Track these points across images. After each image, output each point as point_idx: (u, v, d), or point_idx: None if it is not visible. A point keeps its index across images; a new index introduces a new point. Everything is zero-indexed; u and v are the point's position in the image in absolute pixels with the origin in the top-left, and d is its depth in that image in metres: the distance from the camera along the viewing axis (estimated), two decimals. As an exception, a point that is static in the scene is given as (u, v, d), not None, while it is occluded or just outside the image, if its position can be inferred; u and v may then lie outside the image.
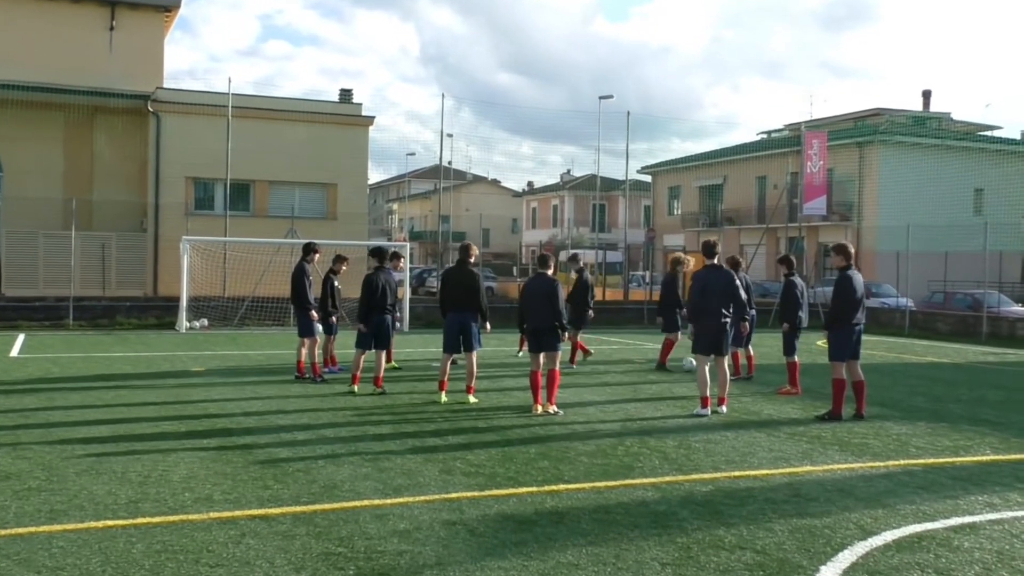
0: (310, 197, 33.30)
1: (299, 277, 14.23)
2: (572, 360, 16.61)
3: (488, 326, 12.36)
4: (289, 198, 32.34)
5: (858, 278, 11.63)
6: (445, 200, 40.33)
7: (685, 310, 15.11)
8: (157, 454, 8.58)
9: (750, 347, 15.29)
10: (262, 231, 29.49)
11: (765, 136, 58.62)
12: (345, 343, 15.87)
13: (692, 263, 16.29)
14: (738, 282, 11.84)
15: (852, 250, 11.88)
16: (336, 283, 14.93)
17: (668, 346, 16.56)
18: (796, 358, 13.87)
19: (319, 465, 8.22)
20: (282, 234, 28.48)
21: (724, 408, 11.65)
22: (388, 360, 16.14)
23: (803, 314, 13.85)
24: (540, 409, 11.29)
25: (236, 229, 29.18)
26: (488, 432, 10.07)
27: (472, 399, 12.04)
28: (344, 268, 15.02)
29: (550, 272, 11.54)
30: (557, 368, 11.52)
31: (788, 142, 47.03)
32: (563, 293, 11.50)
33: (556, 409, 11.34)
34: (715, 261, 11.72)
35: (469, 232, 63.96)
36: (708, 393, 11.54)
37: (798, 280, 13.91)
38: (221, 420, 10.53)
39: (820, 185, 33.36)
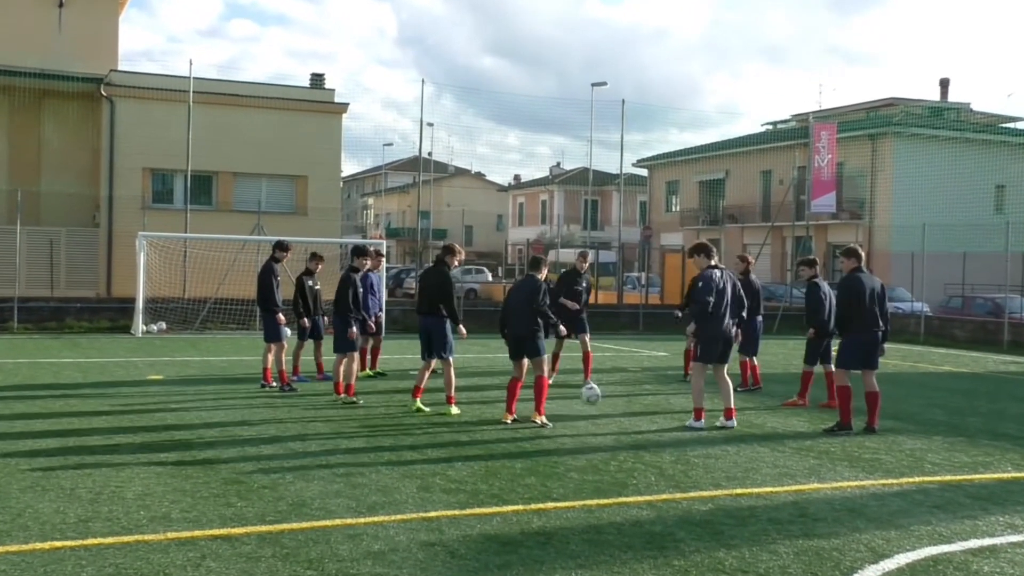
0: (278, 190, 33.24)
1: (266, 277, 14.20)
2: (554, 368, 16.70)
3: (462, 330, 12.32)
4: (255, 191, 32.27)
5: (866, 280, 11.57)
6: (425, 194, 40.30)
7: (679, 312, 15.37)
8: (109, 469, 8.53)
9: (754, 357, 15.32)
10: (226, 227, 29.40)
11: (770, 127, 58.83)
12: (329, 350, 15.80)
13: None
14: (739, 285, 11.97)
15: (863, 252, 11.99)
16: (311, 283, 14.92)
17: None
18: (814, 368, 13.87)
19: (287, 481, 8.20)
20: (247, 230, 28.41)
21: (734, 421, 11.58)
22: (372, 367, 16.23)
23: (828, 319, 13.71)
24: (510, 419, 11.35)
25: (197, 225, 29.10)
26: (470, 446, 10.06)
27: (453, 410, 12.04)
28: (320, 267, 15.02)
29: (540, 276, 11.57)
30: (544, 375, 11.52)
31: (795, 134, 47.20)
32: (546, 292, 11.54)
33: (544, 420, 11.35)
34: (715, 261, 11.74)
35: (451, 229, 64.01)
36: (704, 404, 11.55)
37: (823, 283, 13.83)
38: (180, 432, 10.49)
39: (829, 180, 33.52)
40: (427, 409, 12.16)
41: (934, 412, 13.70)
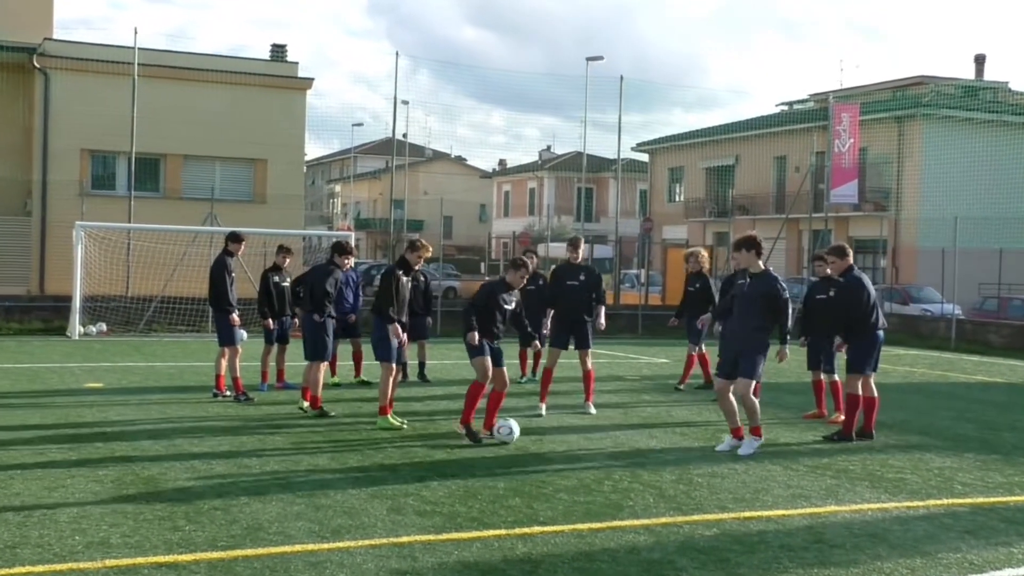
0: (234, 175, 33.17)
1: (219, 272, 14.17)
2: (534, 371, 16.81)
3: (397, 328, 12.29)
4: (208, 176, 32.20)
5: (867, 280, 12.17)
6: (398, 181, 40.29)
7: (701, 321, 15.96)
8: (40, 488, 8.50)
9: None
10: (174, 216, 29.33)
11: (786, 108, 59.04)
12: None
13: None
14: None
15: (850, 249, 12.52)
16: (277, 279, 14.91)
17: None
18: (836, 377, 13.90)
19: (241, 502, 8.19)
20: (199, 220, 28.34)
21: (759, 440, 11.36)
22: (356, 374, 16.26)
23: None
24: (458, 427, 11.44)
25: (143, 213, 29.00)
26: (448, 463, 10.06)
27: (392, 421, 12.00)
28: (289, 262, 15.02)
29: (509, 279, 11.73)
30: (482, 382, 11.55)
31: (813, 116, 47.38)
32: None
33: (461, 430, 11.34)
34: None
35: (428, 220, 63.94)
36: (740, 422, 11.25)
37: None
38: (121, 446, 10.46)
39: (851, 168, 33.66)
40: (401, 424, 12.15)
41: (965, 427, 13.78)
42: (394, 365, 12.18)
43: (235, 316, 14.06)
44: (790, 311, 11.06)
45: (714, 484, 9.44)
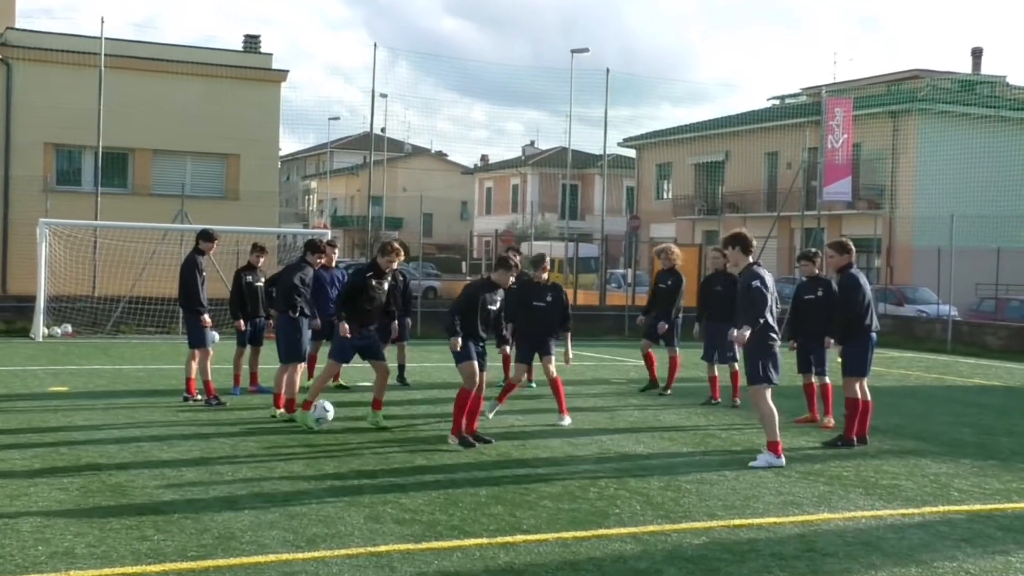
0: (205, 171, 33.10)
1: (189, 272, 14.13)
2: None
3: (344, 327, 12.28)
4: (178, 172, 32.11)
5: (863, 277, 12.24)
6: (376, 177, 40.18)
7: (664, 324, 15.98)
8: (2, 496, 8.46)
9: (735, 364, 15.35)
10: (143, 213, 29.22)
11: (777, 103, 59.19)
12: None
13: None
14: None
15: (852, 246, 12.41)
16: (250, 279, 14.87)
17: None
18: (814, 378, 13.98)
19: (213, 510, 8.16)
20: (169, 217, 28.24)
21: (775, 459, 11.07)
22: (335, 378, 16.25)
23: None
24: (451, 439, 11.41)
25: (110, 211, 28.89)
26: (428, 470, 10.06)
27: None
28: (263, 261, 14.98)
29: (496, 279, 11.70)
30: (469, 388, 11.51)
31: (805, 110, 47.54)
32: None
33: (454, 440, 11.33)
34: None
35: (407, 218, 63.99)
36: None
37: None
38: (87, 452, 10.42)
39: (844, 164, 33.77)
40: (377, 424, 12.15)
41: (962, 431, 13.84)
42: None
43: (206, 317, 14.02)
44: (767, 305, 10.95)
45: (703, 491, 9.46)
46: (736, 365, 15.22)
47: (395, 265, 12.59)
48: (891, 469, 10.84)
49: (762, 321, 10.77)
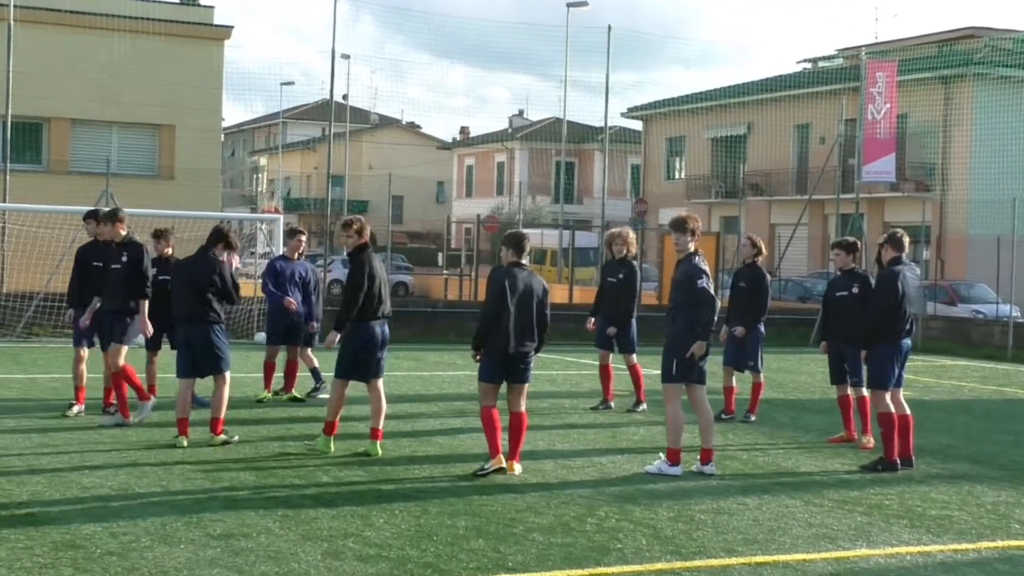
0: (134, 144, 33.00)
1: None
2: None
3: (315, 326, 12.26)
4: (102, 145, 32.00)
5: (908, 277, 12.19)
6: (337, 152, 40.10)
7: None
8: None
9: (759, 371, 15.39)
10: (61, 194, 29.06)
11: (809, 66, 59.32)
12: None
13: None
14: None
15: (907, 240, 12.40)
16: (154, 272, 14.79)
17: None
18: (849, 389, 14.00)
19: (142, 545, 8.15)
20: (91, 199, 28.10)
21: (708, 467, 11.57)
22: (287, 388, 16.19)
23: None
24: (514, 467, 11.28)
25: (20, 190, 28.75)
26: (396, 496, 10.06)
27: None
28: (170, 250, 14.85)
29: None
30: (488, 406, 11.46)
31: (842, 75, 47.59)
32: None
33: None
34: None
35: (373, 201, 63.82)
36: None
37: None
38: (-6, 478, 10.39)
39: (887, 139, 33.80)
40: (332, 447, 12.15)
41: (1024, 452, 13.91)
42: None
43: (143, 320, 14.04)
44: (714, 303, 11.37)
45: (720, 522, 9.47)
46: (760, 375, 15.32)
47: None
48: (941, 497, 10.87)
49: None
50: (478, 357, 11.25)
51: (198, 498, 9.78)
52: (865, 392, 13.61)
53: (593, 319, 16.39)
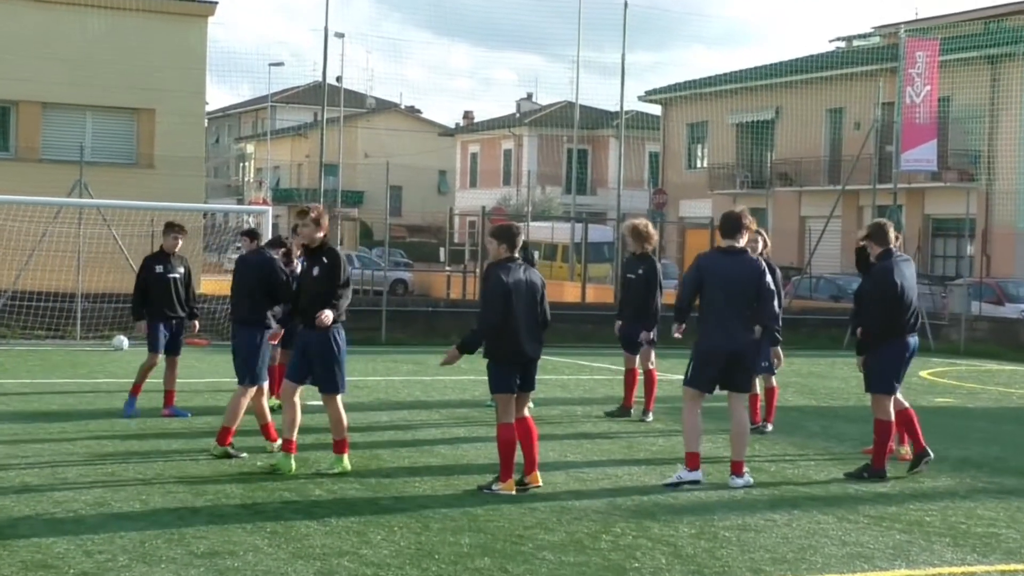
0: (110, 130, 33.00)
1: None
2: None
3: (275, 325, 12.34)
4: (76, 131, 32.00)
5: (903, 269, 12.21)
6: (330, 139, 40.18)
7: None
8: None
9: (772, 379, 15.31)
10: (31, 184, 29.09)
11: (842, 45, 59.26)
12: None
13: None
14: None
15: (893, 233, 12.45)
16: (160, 270, 14.80)
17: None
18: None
19: (120, 564, 8.16)
20: (64, 190, 28.15)
21: (744, 479, 11.66)
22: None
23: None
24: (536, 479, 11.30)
25: (-12, 180, 28.80)
26: (395, 512, 10.07)
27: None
28: (179, 246, 14.90)
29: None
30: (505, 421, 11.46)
31: (879, 55, 47.58)
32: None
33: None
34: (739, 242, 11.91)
35: (370, 191, 63.97)
36: (699, 448, 11.66)
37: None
38: (-41, 491, 10.40)
39: (927, 124, 33.78)
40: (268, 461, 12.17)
41: (1077, 464, 13.89)
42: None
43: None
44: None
45: (746, 540, 9.47)
46: (773, 379, 15.20)
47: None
48: (987, 513, 10.85)
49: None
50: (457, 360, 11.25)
51: (180, 513, 9.79)
52: (900, 397, 13.62)
53: (620, 321, 16.30)
